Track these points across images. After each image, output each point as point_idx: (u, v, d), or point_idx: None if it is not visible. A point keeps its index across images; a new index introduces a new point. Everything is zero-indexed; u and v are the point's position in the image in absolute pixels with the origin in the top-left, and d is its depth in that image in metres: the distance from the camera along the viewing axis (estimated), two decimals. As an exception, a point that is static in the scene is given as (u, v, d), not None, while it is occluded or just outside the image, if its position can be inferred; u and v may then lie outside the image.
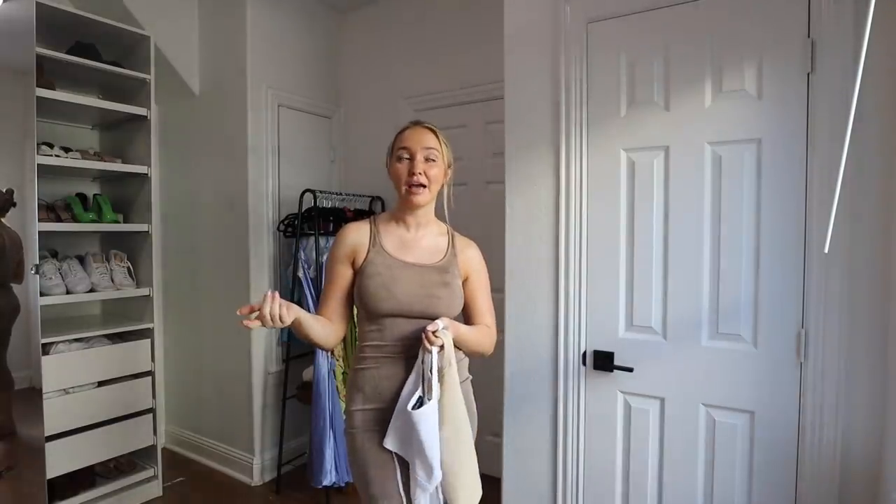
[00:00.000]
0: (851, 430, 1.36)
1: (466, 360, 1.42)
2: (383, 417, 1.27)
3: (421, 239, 1.37)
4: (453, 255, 1.38)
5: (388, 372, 1.28)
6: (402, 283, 1.28)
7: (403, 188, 1.30)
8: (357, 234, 1.35)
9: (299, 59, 3.00)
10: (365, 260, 1.32)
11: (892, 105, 1.30)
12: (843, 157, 0.90)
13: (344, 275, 1.34)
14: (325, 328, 1.30)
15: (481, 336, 1.38)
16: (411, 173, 1.28)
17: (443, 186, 1.38)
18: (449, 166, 1.37)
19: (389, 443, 1.24)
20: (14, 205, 2.14)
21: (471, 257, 1.41)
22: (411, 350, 1.28)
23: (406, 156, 1.30)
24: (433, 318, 1.26)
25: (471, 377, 1.44)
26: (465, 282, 1.39)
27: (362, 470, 1.28)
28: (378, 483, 1.26)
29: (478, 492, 1.32)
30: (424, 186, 1.30)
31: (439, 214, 1.43)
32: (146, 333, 2.52)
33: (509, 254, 1.84)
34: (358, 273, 1.33)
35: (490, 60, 2.39)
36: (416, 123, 1.35)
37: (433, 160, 1.31)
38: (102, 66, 2.37)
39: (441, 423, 1.21)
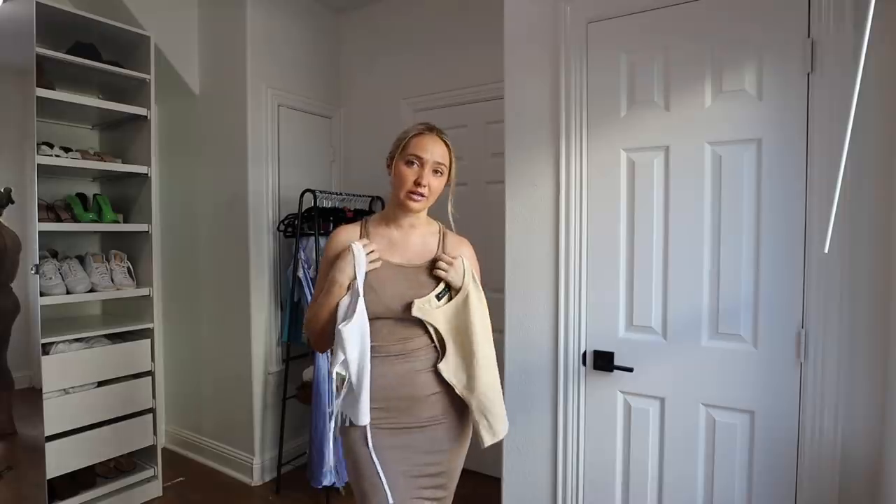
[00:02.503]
0: (851, 430, 1.36)
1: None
2: (378, 416, 1.29)
3: (410, 239, 1.37)
4: (443, 253, 1.38)
5: (381, 371, 1.28)
6: (389, 285, 1.29)
7: (404, 192, 1.30)
8: (348, 236, 1.35)
9: (299, 58, 3.00)
10: None
11: (892, 105, 1.30)
12: (843, 157, 0.90)
13: None
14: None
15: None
16: (417, 182, 1.28)
17: (441, 195, 1.38)
18: (451, 179, 1.37)
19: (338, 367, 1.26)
20: (12, 202, 2.13)
21: (462, 255, 1.40)
22: (403, 350, 1.30)
23: (416, 162, 1.30)
24: (424, 319, 1.28)
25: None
26: None
27: (357, 466, 1.30)
28: (371, 478, 1.28)
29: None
30: (424, 196, 1.30)
31: (441, 219, 1.43)
32: (146, 333, 2.52)
33: (509, 254, 1.84)
34: None
35: (490, 60, 2.39)
36: (431, 129, 1.34)
37: (440, 173, 1.32)
38: (102, 66, 2.37)
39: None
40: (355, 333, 1.22)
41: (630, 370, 1.63)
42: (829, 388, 1.37)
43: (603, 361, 1.67)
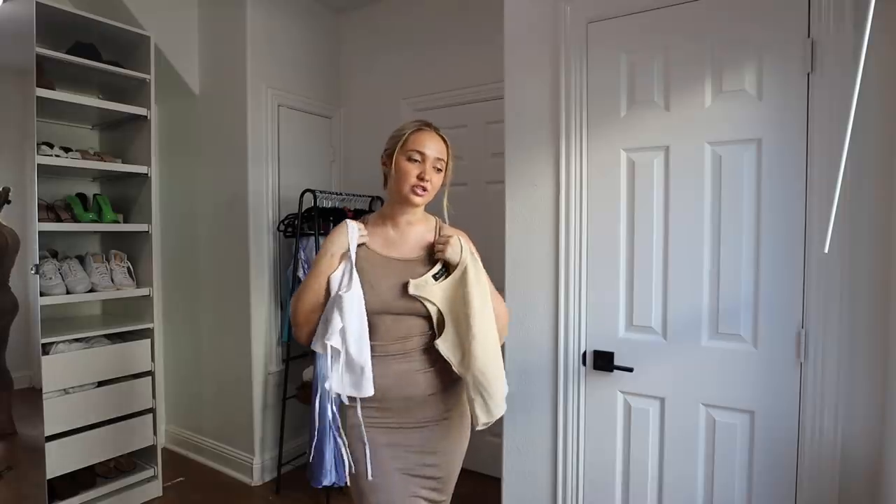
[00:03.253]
0: (851, 430, 1.36)
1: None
2: (373, 415, 1.30)
3: (407, 236, 1.37)
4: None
5: (379, 371, 1.28)
6: (385, 280, 1.29)
7: (408, 187, 1.30)
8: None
9: (299, 58, 3.00)
10: None
11: (892, 105, 1.30)
12: (843, 157, 0.90)
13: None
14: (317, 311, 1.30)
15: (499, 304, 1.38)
16: (421, 178, 1.29)
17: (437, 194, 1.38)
18: (447, 177, 1.37)
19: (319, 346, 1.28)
20: (9, 202, 2.13)
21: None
22: (402, 350, 1.30)
23: (418, 158, 1.30)
24: (421, 315, 1.29)
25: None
26: None
27: (353, 464, 1.31)
28: (367, 478, 1.28)
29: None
30: (427, 191, 1.31)
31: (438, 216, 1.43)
32: (146, 333, 2.52)
33: (509, 254, 1.84)
34: None
35: (490, 60, 2.39)
36: (429, 126, 1.34)
37: (439, 170, 1.33)
38: (102, 66, 2.37)
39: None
40: (355, 302, 1.23)
41: (630, 370, 1.63)
42: (829, 388, 1.37)
43: (603, 361, 1.67)
